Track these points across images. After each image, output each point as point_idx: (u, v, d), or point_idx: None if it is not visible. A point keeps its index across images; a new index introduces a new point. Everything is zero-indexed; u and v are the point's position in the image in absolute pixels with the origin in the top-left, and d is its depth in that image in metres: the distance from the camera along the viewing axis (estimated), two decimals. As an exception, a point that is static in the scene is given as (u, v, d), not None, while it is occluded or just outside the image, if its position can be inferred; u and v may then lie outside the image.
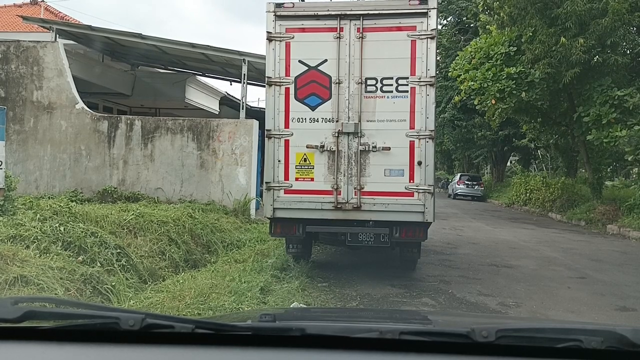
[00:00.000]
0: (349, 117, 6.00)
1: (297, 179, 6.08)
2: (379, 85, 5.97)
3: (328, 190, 6.03)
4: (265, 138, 6.19)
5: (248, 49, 11.88)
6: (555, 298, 6.07)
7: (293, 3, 6.17)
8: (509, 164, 34.51)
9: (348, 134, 5.99)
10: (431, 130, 5.87)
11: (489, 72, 15.03)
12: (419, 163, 5.89)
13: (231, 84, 19.56)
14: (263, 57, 6.96)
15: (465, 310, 5.44)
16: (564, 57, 13.29)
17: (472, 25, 23.39)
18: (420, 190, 5.91)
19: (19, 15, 14.74)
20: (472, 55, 15.95)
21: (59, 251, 5.07)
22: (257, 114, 13.24)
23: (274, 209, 6.11)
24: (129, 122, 11.62)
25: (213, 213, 9.52)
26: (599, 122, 13.40)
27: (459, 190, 28.85)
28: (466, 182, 29.27)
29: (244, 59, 11.55)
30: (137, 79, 16.15)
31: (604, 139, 13.16)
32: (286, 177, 6.09)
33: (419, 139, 5.88)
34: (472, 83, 15.46)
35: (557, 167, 26.63)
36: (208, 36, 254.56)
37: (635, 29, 14.93)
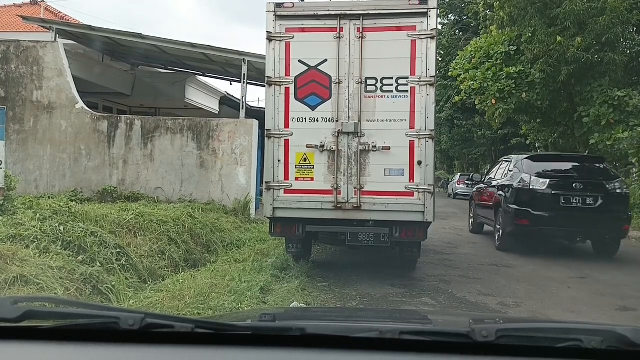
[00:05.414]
0: (349, 117, 6.00)
1: (297, 179, 6.08)
2: (379, 85, 5.97)
3: (328, 190, 6.03)
4: (265, 138, 6.19)
5: (242, 50, 11.89)
6: (555, 298, 6.07)
7: (293, 3, 6.16)
8: (509, 163, 34.42)
9: (348, 133, 5.99)
10: (431, 130, 5.88)
11: (489, 72, 15.01)
12: (419, 163, 5.89)
13: (231, 84, 19.55)
14: (263, 57, 6.96)
15: (465, 310, 5.44)
16: (561, 56, 13.29)
17: (472, 24, 23.38)
18: (420, 190, 5.91)
19: (19, 15, 14.72)
20: (472, 54, 15.93)
21: (59, 251, 5.05)
22: (257, 113, 13.23)
23: (273, 208, 6.11)
24: (128, 121, 11.61)
25: (213, 213, 9.51)
26: (598, 123, 13.39)
27: (459, 190, 28.80)
28: (466, 182, 29.21)
29: (244, 59, 11.54)
30: (137, 79, 16.14)
31: (607, 141, 13.14)
32: (286, 177, 6.09)
33: (419, 139, 5.89)
34: (472, 83, 15.45)
35: (557, 167, 26.53)
36: (203, 36, 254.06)
37: (635, 28, 14.92)
